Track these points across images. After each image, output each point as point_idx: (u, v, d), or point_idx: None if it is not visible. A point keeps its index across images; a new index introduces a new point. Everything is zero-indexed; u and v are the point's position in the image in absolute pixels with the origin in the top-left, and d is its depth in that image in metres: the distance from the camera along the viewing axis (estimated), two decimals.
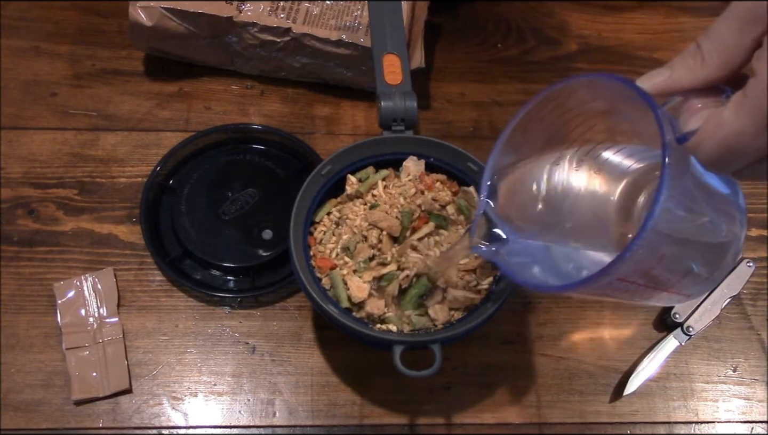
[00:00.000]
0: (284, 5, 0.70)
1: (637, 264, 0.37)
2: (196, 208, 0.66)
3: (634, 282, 0.40)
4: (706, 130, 0.34)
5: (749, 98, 0.32)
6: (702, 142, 0.34)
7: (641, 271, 0.39)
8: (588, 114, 0.43)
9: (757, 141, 0.33)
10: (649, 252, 0.37)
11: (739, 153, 0.34)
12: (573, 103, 0.43)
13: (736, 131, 0.33)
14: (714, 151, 0.34)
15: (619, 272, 0.37)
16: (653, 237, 0.36)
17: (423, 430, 0.60)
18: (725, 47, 0.34)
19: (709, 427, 0.62)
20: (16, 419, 0.58)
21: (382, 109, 0.61)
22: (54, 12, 0.78)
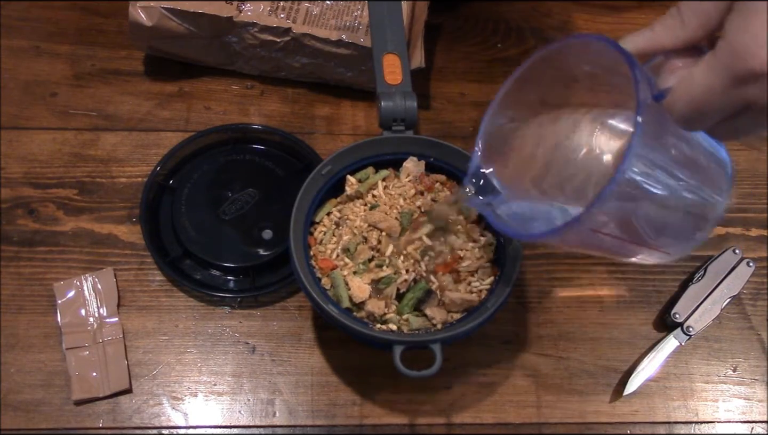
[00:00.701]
0: (284, 5, 0.70)
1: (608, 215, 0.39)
2: (196, 208, 0.66)
3: (609, 234, 0.41)
4: (678, 87, 0.36)
5: (717, 57, 0.34)
6: (674, 99, 0.37)
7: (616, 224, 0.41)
8: (583, 76, 0.45)
9: (724, 98, 0.35)
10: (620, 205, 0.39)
11: (707, 109, 0.36)
12: (567, 65, 0.44)
13: (704, 88, 0.35)
14: (685, 107, 0.36)
15: (590, 223, 0.39)
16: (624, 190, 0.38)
17: (423, 430, 0.60)
18: (703, 9, 0.36)
19: (709, 427, 0.62)
20: (16, 419, 0.58)
21: (382, 109, 0.61)
22: (54, 12, 0.78)
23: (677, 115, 0.37)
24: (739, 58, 0.33)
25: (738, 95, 0.35)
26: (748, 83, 0.34)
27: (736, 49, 0.34)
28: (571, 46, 0.42)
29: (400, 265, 0.57)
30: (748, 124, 0.37)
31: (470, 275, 0.57)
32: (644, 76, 0.37)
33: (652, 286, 0.67)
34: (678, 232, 0.45)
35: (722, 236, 0.70)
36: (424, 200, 0.59)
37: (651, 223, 0.43)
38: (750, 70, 0.33)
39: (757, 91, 0.34)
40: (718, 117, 0.36)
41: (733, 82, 0.34)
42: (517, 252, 0.56)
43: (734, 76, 0.34)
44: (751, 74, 0.33)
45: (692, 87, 0.36)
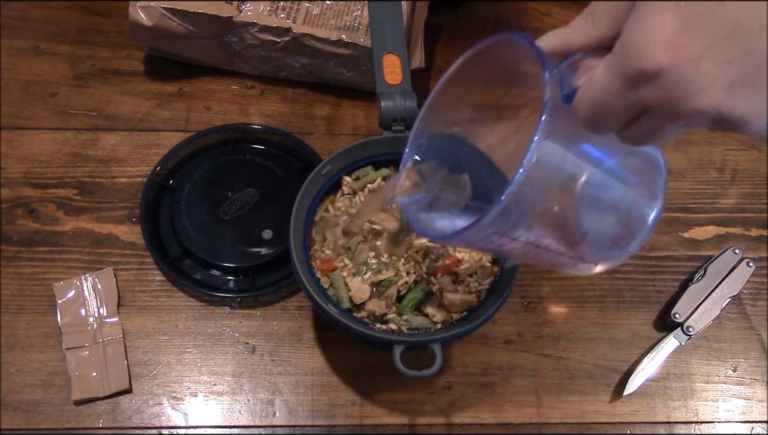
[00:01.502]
0: (284, 5, 0.70)
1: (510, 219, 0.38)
2: (196, 208, 0.66)
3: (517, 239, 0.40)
4: (582, 88, 0.35)
5: (613, 57, 0.33)
6: (578, 99, 0.35)
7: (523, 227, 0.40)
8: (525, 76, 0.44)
9: (621, 99, 0.33)
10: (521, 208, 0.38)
11: (607, 112, 0.34)
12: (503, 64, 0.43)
13: (603, 90, 0.34)
14: (586, 109, 0.35)
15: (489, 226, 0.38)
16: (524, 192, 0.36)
17: (423, 430, 0.60)
18: (611, 8, 0.35)
19: (709, 427, 0.62)
20: (16, 419, 0.58)
21: (382, 109, 0.61)
22: (54, 12, 0.78)
23: (580, 117, 0.36)
24: (631, 57, 0.32)
25: (633, 97, 0.33)
26: (642, 84, 0.32)
27: (628, 49, 0.32)
28: (498, 44, 0.42)
29: (401, 268, 0.57)
30: (650, 128, 0.35)
31: (469, 276, 0.57)
32: (554, 75, 0.36)
33: (652, 286, 0.67)
34: (599, 241, 0.43)
35: (722, 236, 0.70)
36: None
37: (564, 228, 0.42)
38: (641, 69, 0.32)
39: (652, 93, 0.32)
40: (619, 120, 0.35)
41: (627, 83, 0.33)
42: None
43: (627, 76, 0.32)
44: (643, 74, 0.32)
45: (592, 88, 0.34)
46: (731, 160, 0.74)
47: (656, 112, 0.33)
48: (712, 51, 0.30)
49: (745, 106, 0.31)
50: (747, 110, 0.31)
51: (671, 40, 0.31)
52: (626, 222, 0.43)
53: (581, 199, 0.40)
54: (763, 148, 0.75)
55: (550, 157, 0.37)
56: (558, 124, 0.36)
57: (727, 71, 0.31)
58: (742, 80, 0.31)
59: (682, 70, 0.31)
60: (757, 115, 0.31)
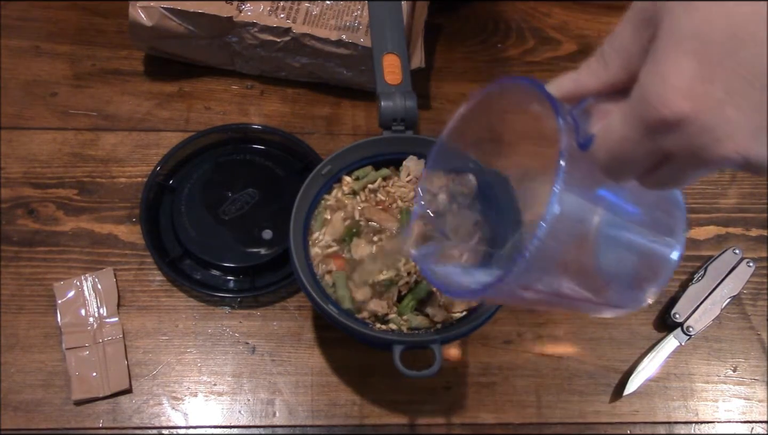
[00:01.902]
0: (284, 5, 0.70)
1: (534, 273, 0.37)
2: (196, 208, 0.66)
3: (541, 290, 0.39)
4: (599, 136, 0.34)
5: (631, 105, 0.31)
6: (596, 147, 0.34)
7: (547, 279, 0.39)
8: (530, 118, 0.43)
9: (641, 148, 0.32)
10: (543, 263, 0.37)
11: (627, 160, 0.33)
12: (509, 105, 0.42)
13: (621, 138, 0.32)
14: (605, 157, 0.34)
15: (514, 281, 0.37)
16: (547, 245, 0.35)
17: (423, 430, 0.60)
18: (624, 50, 0.33)
19: (709, 427, 0.62)
20: (16, 419, 0.58)
21: (382, 109, 0.61)
22: (54, 12, 0.78)
23: (599, 165, 0.34)
24: (649, 105, 0.30)
25: (654, 145, 0.31)
26: (663, 132, 0.31)
27: (647, 97, 0.30)
28: (504, 88, 0.40)
29: (402, 268, 0.57)
30: (673, 174, 0.33)
31: None
32: (569, 123, 0.35)
33: None
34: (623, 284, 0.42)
35: (722, 236, 0.70)
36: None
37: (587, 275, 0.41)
38: (662, 118, 0.30)
39: (675, 141, 0.31)
40: (640, 168, 0.33)
41: (647, 132, 0.31)
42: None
43: (647, 125, 0.31)
44: (664, 123, 0.30)
45: (610, 136, 0.33)
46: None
47: (680, 159, 0.32)
48: (734, 96, 0.29)
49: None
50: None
51: (692, 87, 0.29)
52: (649, 263, 0.42)
53: (603, 246, 0.39)
54: None
55: (569, 206, 0.36)
56: (575, 172, 0.35)
57: (751, 117, 0.29)
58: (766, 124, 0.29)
59: (705, 117, 0.29)
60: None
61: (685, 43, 0.30)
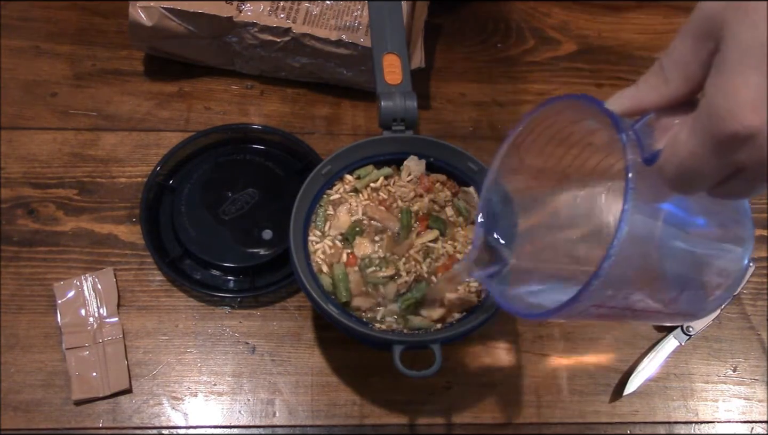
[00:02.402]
0: (284, 5, 0.70)
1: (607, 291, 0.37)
2: (196, 208, 0.66)
3: (615, 307, 0.39)
4: (666, 151, 0.34)
5: (699, 120, 0.32)
6: (663, 163, 0.34)
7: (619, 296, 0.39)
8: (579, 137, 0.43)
9: (711, 162, 0.32)
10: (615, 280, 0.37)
11: (696, 174, 0.33)
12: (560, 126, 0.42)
13: (689, 152, 0.32)
14: (673, 172, 0.34)
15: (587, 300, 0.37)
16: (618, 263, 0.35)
17: (423, 430, 0.60)
18: (684, 64, 0.34)
19: (709, 427, 0.62)
20: (16, 419, 0.58)
21: (382, 109, 0.61)
22: (54, 12, 0.78)
23: (667, 181, 0.34)
24: (719, 120, 0.30)
25: (725, 159, 0.32)
26: (734, 146, 0.31)
27: (715, 112, 0.31)
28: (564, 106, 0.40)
29: (401, 267, 0.57)
30: (745, 186, 0.33)
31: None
32: (633, 138, 0.35)
33: None
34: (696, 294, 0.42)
35: None
36: (421, 203, 0.60)
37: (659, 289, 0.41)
38: (733, 133, 0.30)
39: (746, 155, 0.31)
40: (710, 181, 0.33)
41: (717, 147, 0.31)
42: None
43: (717, 140, 0.31)
44: (735, 137, 0.30)
45: (678, 151, 0.33)
46: None
47: (751, 171, 0.32)
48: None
49: None
50: None
51: (760, 100, 0.30)
52: (719, 270, 0.42)
53: (672, 257, 0.39)
54: None
55: (638, 222, 0.36)
56: (641, 188, 0.35)
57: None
58: None
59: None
60: None
61: (752, 57, 0.30)
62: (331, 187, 0.60)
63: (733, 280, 0.42)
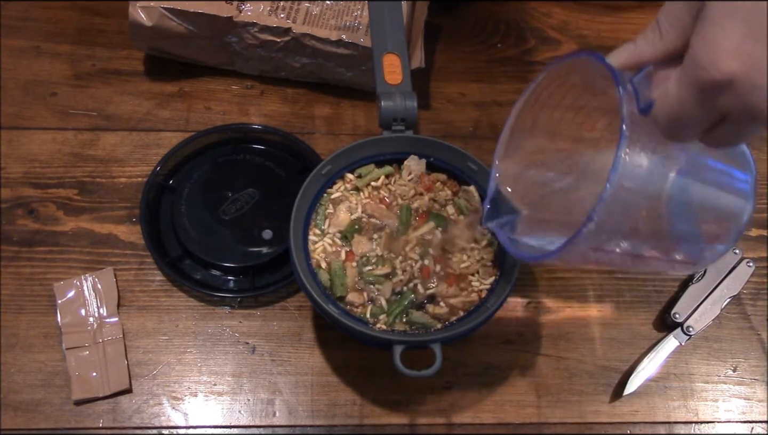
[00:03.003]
0: (284, 5, 0.70)
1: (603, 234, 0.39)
2: (196, 208, 0.66)
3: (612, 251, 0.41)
4: (658, 100, 0.36)
5: (684, 70, 0.34)
6: (656, 112, 0.36)
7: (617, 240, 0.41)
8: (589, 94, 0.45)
9: (697, 110, 0.34)
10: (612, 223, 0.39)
11: (684, 121, 0.35)
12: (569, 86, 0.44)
13: (677, 101, 0.35)
14: (664, 120, 0.36)
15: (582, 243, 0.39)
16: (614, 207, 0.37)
17: (423, 430, 0.60)
18: (678, 20, 0.36)
19: (709, 427, 0.62)
20: (16, 419, 0.58)
21: (382, 109, 0.61)
22: (54, 12, 0.78)
23: (660, 128, 0.37)
24: (701, 69, 0.33)
25: (709, 106, 0.34)
26: (716, 93, 0.33)
27: (697, 61, 0.33)
28: (571, 63, 0.42)
29: (398, 265, 0.57)
30: (731, 132, 0.36)
31: (471, 275, 0.58)
32: (628, 89, 0.37)
33: (652, 286, 0.67)
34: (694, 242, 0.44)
35: None
36: (421, 202, 0.60)
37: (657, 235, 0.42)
38: (713, 80, 0.33)
39: (728, 101, 0.33)
40: (698, 128, 0.36)
41: (700, 94, 0.34)
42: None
43: (701, 87, 0.33)
44: (716, 84, 0.33)
45: (668, 100, 0.35)
46: None
47: (735, 117, 0.34)
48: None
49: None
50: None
51: (739, 48, 0.31)
52: (719, 221, 0.44)
53: (671, 206, 0.41)
54: (763, 148, 0.75)
55: (635, 169, 0.38)
56: (639, 136, 0.37)
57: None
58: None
59: (754, 75, 0.32)
60: None
61: (732, 10, 0.32)
62: (332, 186, 0.60)
63: (732, 233, 0.44)
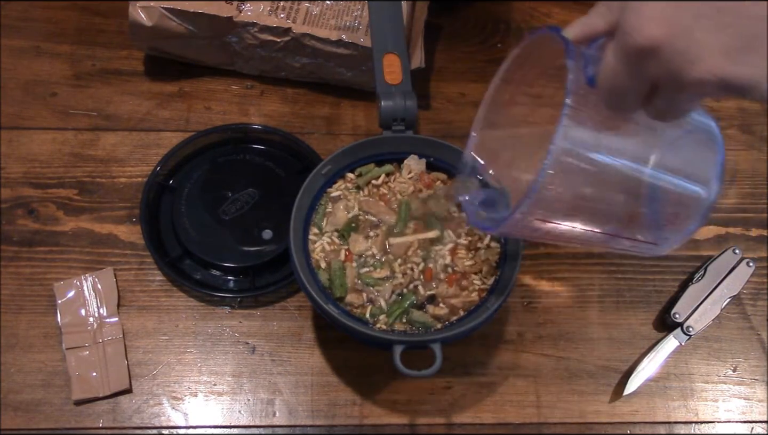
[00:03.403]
0: (284, 5, 0.70)
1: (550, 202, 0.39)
2: (196, 208, 0.66)
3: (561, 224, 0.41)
4: (598, 72, 0.37)
5: (616, 39, 0.35)
6: (598, 83, 0.37)
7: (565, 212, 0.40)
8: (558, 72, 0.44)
9: (630, 77, 0.35)
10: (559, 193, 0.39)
11: (621, 91, 0.36)
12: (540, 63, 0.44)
13: (612, 70, 0.35)
14: (603, 90, 0.36)
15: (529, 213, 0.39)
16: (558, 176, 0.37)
17: (423, 430, 0.60)
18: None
19: (709, 427, 0.62)
20: (16, 419, 0.58)
21: (382, 109, 0.61)
22: (54, 12, 0.78)
23: (601, 99, 0.37)
24: (628, 36, 0.33)
25: (639, 73, 0.34)
26: (643, 60, 0.33)
27: (625, 28, 0.33)
28: (535, 40, 0.43)
29: (397, 268, 0.57)
30: (666, 102, 0.36)
31: (474, 274, 0.58)
32: (578, 60, 0.38)
33: (652, 286, 0.67)
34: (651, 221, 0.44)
35: (722, 236, 0.70)
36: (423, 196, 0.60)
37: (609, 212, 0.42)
38: (638, 46, 0.33)
39: (654, 67, 0.33)
40: (634, 98, 0.36)
41: (630, 61, 0.34)
42: (517, 252, 0.56)
43: (628, 55, 0.34)
44: (642, 50, 0.33)
45: (605, 70, 0.36)
46: (731, 160, 0.74)
47: (664, 85, 0.34)
48: (701, 20, 0.32)
49: (747, 70, 0.32)
50: (751, 74, 0.32)
51: (662, 15, 0.32)
52: (678, 202, 0.43)
53: (624, 182, 0.41)
54: (763, 148, 0.75)
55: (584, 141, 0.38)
56: (589, 110, 0.37)
57: (720, 38, 0.32)
58: (738, 44, 0.31)
59: (676, 41, 0.32)
60: (760, 78, 0.32)
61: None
62: (332, 185, 0.60)
63: (692, 213, 0.43)
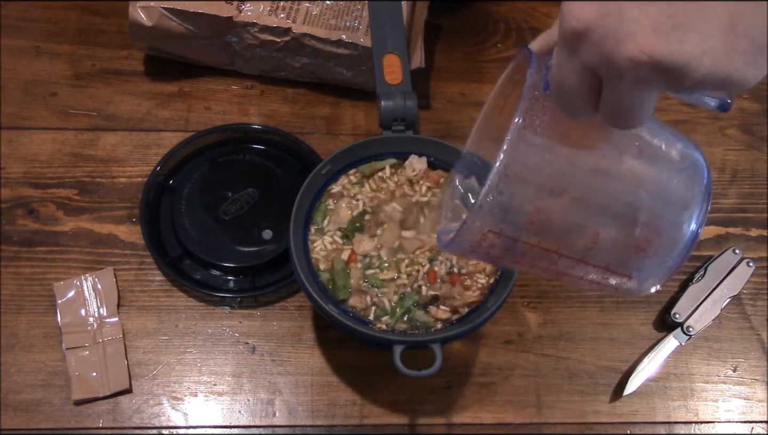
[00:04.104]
0: (284, 5, 0.70)
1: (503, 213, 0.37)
2: (196, 208, 0.66)
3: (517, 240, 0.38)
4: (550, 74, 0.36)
5: (558, 32, 0.34)
6: (549, 85, 0.36)
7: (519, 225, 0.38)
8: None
9: (570, 69, 0.33)
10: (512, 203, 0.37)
11: (566, 88, 0.34)
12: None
13: (557, 66, 0.34)
14: (553, 91, 0.35)
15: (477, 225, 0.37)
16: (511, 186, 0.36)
17: (423, 430, 0.60)
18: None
19: (709, 427, 0.62)
20: (16, 419, 0.58)
21: (382, 109, 0.61)
22: (54, 12, 0.78)
23: (554, 102, 0.36)
24: (564, 21, 0.32)
25: (577, 64, 0.33)
26: (578, 46, 0.32)
27: (562, 15, 0.33)
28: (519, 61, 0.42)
29: (403, 269, 0.57)
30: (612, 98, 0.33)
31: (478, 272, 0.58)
32: (540, 72, 0.37)
33: None
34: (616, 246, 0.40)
35: (722, 236, 0.70)
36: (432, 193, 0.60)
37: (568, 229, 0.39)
38: (572, 30, 0.32)
39: (589, 53, 0.32)
40: (580, 94, 0.34)
41: (567, 51, 0.33)
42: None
43: (565, 42, 0.33)
44: (576, 35, 0.32)
45: (552, 70, 0.35)
46: (731, 160, 0.74)
47: (603, 74, 0.32)
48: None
49: (678, 48, 0.30)
50: (682, 52, 0.30)
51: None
52: (648, 226, 0.40)
53: (585, 199, 0.39)
54: (763, 148, 0.75)
55: (543, 151, 0.36)
56: (549, 120, 0.36)
57: (650, 13, 0.30)
58: (670, 21, 0.30)
59: (606, 21, 0.31)
60: (693, 57, 0.30)
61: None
62: (335, 181, 0.60)
63: (675, 245, 0.40)
